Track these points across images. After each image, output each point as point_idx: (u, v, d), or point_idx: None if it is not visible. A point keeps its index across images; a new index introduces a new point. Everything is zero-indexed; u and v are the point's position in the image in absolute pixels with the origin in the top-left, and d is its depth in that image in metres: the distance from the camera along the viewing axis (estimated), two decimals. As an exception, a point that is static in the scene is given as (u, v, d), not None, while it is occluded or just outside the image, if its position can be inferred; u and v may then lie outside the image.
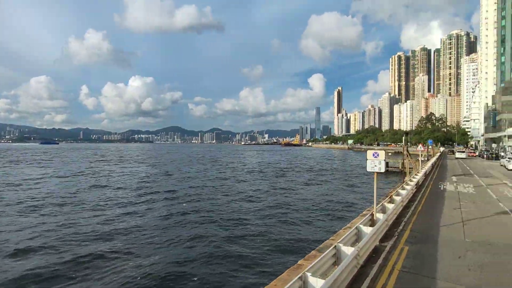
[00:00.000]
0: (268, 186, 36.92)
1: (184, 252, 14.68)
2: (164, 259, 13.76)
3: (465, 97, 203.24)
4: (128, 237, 17.00)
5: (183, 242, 16.15)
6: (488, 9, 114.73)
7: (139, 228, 18.67)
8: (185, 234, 17.52)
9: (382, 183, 39.39)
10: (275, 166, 68.54)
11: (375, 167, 9.84)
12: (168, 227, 19.19)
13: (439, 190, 20.21)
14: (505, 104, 73.65)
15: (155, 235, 17.33)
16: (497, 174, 31.85)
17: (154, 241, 16.32)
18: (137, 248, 15.19)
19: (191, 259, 13.78)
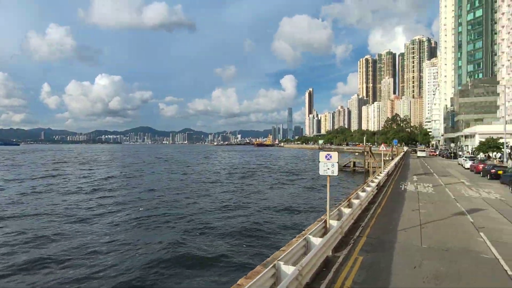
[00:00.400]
0: (233, 188, 35.74)
1: (130, 259, 13.32)
2: (113, 267, 12.30)
3: (426, 99, 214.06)
4: (71, 244, 15.23)
5: (131, 249, 14.70)
6: (446, 16, 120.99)
7: (85, 236, 16.78)
8: (134, 241, 16.05)
9: (347, 183, 39.63)
10: (244, 166, 67.50)
11: (327, 170, 8.97)
12: (117, 234, 17.57)
13: (400, 191, 20.09)
14: (462, 105, 77.88)
15: (102, 242, 15.72)
16: (455, 173, 32.88)
17: (100, 249, 14.59)
18: (82, 257, 13.44)
19: (136, 266, 12.42)
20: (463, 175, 30.69)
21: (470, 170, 34.47)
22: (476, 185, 23.18)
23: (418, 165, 42.44)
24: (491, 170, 26.87)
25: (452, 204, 16.03)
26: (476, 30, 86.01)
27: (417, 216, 13.22)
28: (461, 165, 41.02)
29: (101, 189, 34.97)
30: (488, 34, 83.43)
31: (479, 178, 28.31)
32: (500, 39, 64.57)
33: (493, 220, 12.74)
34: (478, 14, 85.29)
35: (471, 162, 35.81)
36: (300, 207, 24.80)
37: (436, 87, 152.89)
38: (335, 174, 8.95)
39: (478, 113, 74.98)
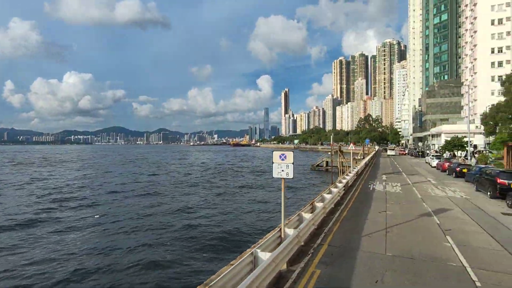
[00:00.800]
0: (199, 190, 34.23)
1: (77, 267, 11.58)
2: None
3: (396, 100, 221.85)
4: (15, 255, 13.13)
5: (81, 259, 12.91)
6: (415, 20, 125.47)
7: (32, 245, 14.74)
8: (84, 250, 14.20)
9: (320, 183, 39.22)
10: (216, 167, 65.91)
11: (282, 172, 7.89)
12: (67, 242, 15.63)
13: (368, 191, 19.56)
14: (429, 106, 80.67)
15: (50, 251, 13.85)
16: (422, 171, 33.25)
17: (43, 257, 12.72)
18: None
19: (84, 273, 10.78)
20: (430, 173, 31.03)
21: (436, 169, 35.09)
22: (442, 184, 23.22)
23: (388, 164, 42.90)
24: (456, 168, 27.25)
25: (419, 204, 15.58)
26: (442, 33, 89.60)
27: (383, 219, 12.51)
28: (428, 164, 41.89)
29: (57, 192, 32.23)
30: (453, 37, 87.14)
31: (445, 176, 28.66)
32: (464, 42, 67.33)
33: (459, 221, 12.27)
34: (444, 18, 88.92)
35: (438, 160, 36.52)
36: (268, 209, 23.81)
37: (406, 88, 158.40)
38: (290, 177, 7.88)
39: (444, 113, 77.93)
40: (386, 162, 46.60)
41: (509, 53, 57.36)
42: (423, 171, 33.61)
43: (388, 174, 29.92)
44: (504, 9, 57.65)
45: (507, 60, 57.42)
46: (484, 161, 31.80)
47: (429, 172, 32.49)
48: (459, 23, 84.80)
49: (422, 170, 34.18)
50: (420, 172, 32.48)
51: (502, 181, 16.76)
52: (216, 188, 35.77)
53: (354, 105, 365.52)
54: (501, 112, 26.97)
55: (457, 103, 77.03)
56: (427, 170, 34.24)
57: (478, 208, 14.77)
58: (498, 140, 35.33)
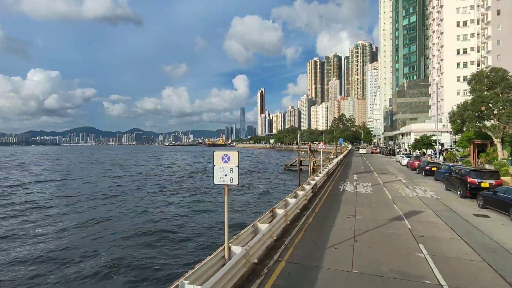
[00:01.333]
0: (156, 195, 32.09)
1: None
2: None
3: (369, 100, 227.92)
4: None
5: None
6: (385, 22, 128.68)
7: None
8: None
9: (291, 182, 38.18)
10: (185, 169, 63.47)
11: (224, 178, 6.33)
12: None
13: (338, 192, 18.50)
14: (399, 105, 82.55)
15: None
16: (393, 170, 33.05)
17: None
18: None
19: None
20: (400, 172, 30.80)
21: (407, 167, 35.10)
22: (412, 183, 22.73)
23: (360, 163, 42.70)
24: (426, 167, 27.05)
25: (390, 206, 14.64)
26: (410, 34, 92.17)
27: (352, 225, 11.32)
28: (399, 162, 42.13)
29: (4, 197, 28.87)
30: (421, 38, 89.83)
31: (415, 175, 28.44)
32: (431, 43, 69.24)
33: (431, 226, 11.31)
34: (413, 20, 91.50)
35: (408, 159, 36.61)
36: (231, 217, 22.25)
37: (377, 88, 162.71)
38: (235, 183, 6.33)
39: (413, 112, 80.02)
40: (358, 161, 46.50)
41: (473, 54, 59.44)
42: (393, 169, 33.43)
43: (359, 173, 29.30)
44: (468, 12, 59.70)
45: (471, 61, 59.47)
46: (452, 159, 32.07)
47: (399, 170, 32.31)
48: (426, 25, 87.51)
49: (392, 169, 34.01)
50: (390, 171, 32.22)
51: (472, 180, 16.23)
52: (179, 191, 33.75)
53: (329, 105, 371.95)
54: (468, 111, 27.08)
55: (425, 102, 79.27)
56: (398, 169, 34.12)
57: (449, 210, 14.02)
58: (464, 138, 35.91)
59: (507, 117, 25.60)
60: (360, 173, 29.18)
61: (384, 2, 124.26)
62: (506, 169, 21.04)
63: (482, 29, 58.01)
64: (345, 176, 27.03)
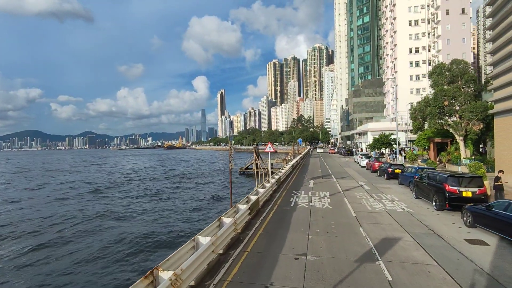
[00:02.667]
0: (79, 206, 25.87)
1: None
2: None
3: (326, 101, 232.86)
4: None
5: None
6: (340, 24, 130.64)
7: None
8: None
9: (244, 189, 33.69)
10: (129, 173, 56.38)
11: None
12: None
13: (287, 209, 14.20)
14: (356, 105, 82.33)
15: None
16: (352, 173, 29.98)
17: None
18: None
19: None
20: (360, 175, 27.71)
21: (366, 169, 32.38)
22: (376, 189, 19.34)
23: (317, 165, 39.49)
24: (388, 169, 24.07)
25: (355, 231, 10.57)
26: (364, 34, 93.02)
27: (299, 279, 6.92)
28: (357, 163, 39.73)
29: None
30: (374, 38, 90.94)
31: (376, 178, 25.39)
32: (385, 42, 69.30)
33: (419, 271, 7.29)
34: (366, 20, 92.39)
35: (367, 160, 33.97)
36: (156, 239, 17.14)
37: (334, 89, 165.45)
38: None
39: (369, 111, 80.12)
40: (316, 163, 43.41)
41: (425, 53, 59.90)
42: (353, 172, 30.39)
43: (316, 178, 25.58)
44: (419, 11, 60.10)
45: (423, 60, 59.88)
46: (413, 159, 29.77)
47: (359, 173, 29.28)
48: (379, 26, 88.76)
49: (352, 171, 30.99)
50: (350, 173, 29.07)
51: (452, 189, 12.84)
52: (109, 201, 27.68)
53: (288, 106, 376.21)
54: (430, 106, 24.65)
55: (380, 102, 79.76)
56: (357, 171, 31.18)
57: (432, 233, 10.30)
58: (422, 136, 34.08)
59: (470, 113, 23.43)
60: (317, 178, 25.48)
61: (339, 4, 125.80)
62: (483, 172, 18.38)
63: (432, 29, 58.59)
64: (300, 183, 23.06)
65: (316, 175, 27.50)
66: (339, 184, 21.73)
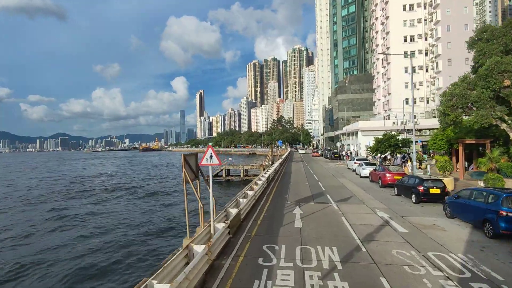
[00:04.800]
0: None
1: None
2: None
3: (306, 102, 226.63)
4: None
5: None
6: (321, 20, 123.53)
7: None
8: None
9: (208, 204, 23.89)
10: (89, 179, 45.06)
11: None
12: None
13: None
14: (341, 103, 74.37)
15: None
16: (353, 187, 20.86)
17: None
18: None
19: None
20: (368, 193, 18.59)
21: (370, 181, 23.41)
22: (417, 233, 10.15)
23: (302, 174, 30.25)
24: (418, 188, 14.88)
25: None
26: (350, 26, 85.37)
27: None
28: (352, 170, 30.98)
29: None
30: (361, 30, 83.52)
31: (395, 200, 16.30)
32: (374, 31, 61.60)
33: None
34: (352, 10, 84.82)
35: (369, 168, 25.01)
36: None
37: (315, 88, 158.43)
38: None
39: (356, 110, 72.39)
40: (300, 171, 34.20)
41: (421, 42, 52.43)
42: (354, 187, 21.28)
43: (305, 202, 16.13)
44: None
45: (419, 49, 52.41)
46: (446, 169, 20.72)
47: (364, 189, 20.14)
48: (365, 17, 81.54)
49: (351, 185, 21.89)
50: (351, 189, 19.93)
51: None
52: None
53: (268, 107, 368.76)
54: (478, 88, 15.87)
55: (367, 99, 72.23)
56: (359, 185, 22.10)
57: None
58: (440, 137, 25.59)
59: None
60: (307, 202, 16.05)
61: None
62: None
63: (430, 14, 51.20)
64: (278, 216, 13.49)
65: (304, 195, 18.05)
66: (346, 218, 12.38)
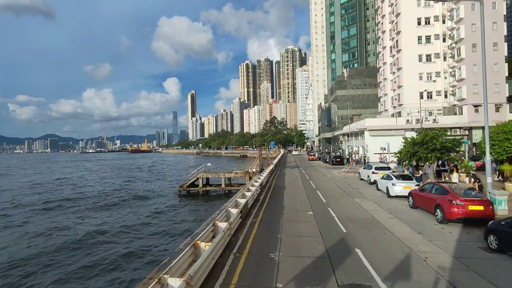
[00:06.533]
0: None
1: None
2: None
3: (300, 103, 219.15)
4: None
5: None
6: (316, 13, 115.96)
7: None
8: None
9: (173, 230, 14.93)
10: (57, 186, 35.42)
11: None
12: None
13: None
14: (340, 99, 65.97)
15: None
16: (401, 230, 11.85)
17: None
18: None
19: None
20: (435, 242, 9.80)
21: (412, 206, 14.54)
22: None
23: (301, 192, 21.33)
24: None
25: None
26: (349, 14, 77.07)
27: None
28: (369, 183, 22.37)
29: None
30: (361, 19, 75.34)
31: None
32: (381, 16, 53.32)
33: None
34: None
35: (404, 183, 16.23)
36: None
37: (309, 87, 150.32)
38: None
39: (356, 108, 64.05)
40: (297, 184, 25.29)
41: (438, 26, 44.25)
42: (401, 228, 12.39)
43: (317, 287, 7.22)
44: (430, -32, 44.41)
45: (436, 34, 44.18)
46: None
47: (425, 235, 11.33)
48: (367, 5, 73.51)
49: (396, 224, 13.00)
50: (403, 238, 11.06)
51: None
52: None
53: (261, 108, 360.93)
54: None
55: (370, 95, 64.01)
56: (405, 220, 13.23)
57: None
58: (508, 135, 17.14)
59: None
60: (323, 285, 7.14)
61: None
62: None
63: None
64: None
65: (311, 252, 8.81)
66: None
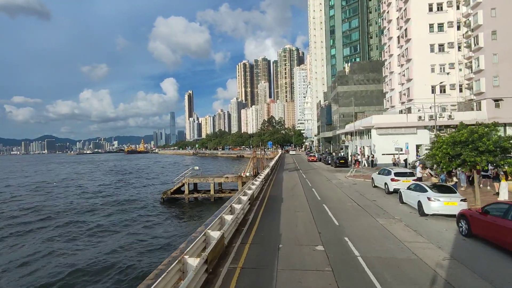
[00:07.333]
0: None
1: None
2: None
3: (298, 102, 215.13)
4: None
5: None
6: (315, 9, 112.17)
7: None
8: None
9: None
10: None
11: None
12: None
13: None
14: (342, 96, 61.52)
15: None
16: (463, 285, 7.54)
17: None
18: None
19: None
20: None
21: (466, 234, 9.90)
22: None
23: (303, 205, 16.83)
24: None
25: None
26: (351, 5, 72.52)
27: None
28: (387, 192, 17.97)
29: None
30: (363, 12, 70.89)
31: None
32: (386, 4, 48.92)
33: None
34: (353, -14, 72.25)
35: (448, 198, 11.76)
36: None
37: (307, 85, 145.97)
38: None
39: (359, 105, 59.65)
40: (297, 193, 20.73)
41: (452, 12, 39.85)
42: (465, 279, 8.01)
43: None
44: None
45: (450, 21, 39.78)
46: None
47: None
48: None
49: (455, 267, 8.61)
50: None
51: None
52: None
53: (259, 108, 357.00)
54: None
55: (373, 91, 59.61)
56: (465, 262, 8.78)
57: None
58: None
59: None
60: None
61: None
62: None
63: (463, -27, 38.68)
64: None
65: None
66: None
